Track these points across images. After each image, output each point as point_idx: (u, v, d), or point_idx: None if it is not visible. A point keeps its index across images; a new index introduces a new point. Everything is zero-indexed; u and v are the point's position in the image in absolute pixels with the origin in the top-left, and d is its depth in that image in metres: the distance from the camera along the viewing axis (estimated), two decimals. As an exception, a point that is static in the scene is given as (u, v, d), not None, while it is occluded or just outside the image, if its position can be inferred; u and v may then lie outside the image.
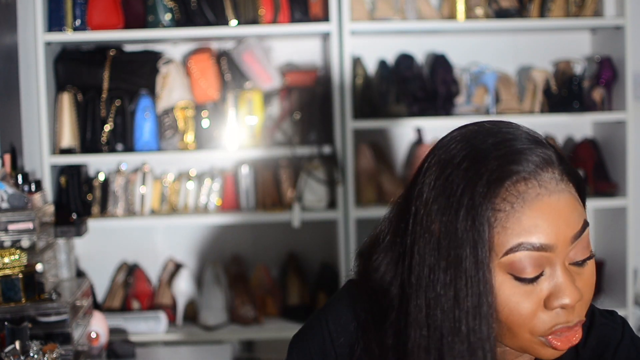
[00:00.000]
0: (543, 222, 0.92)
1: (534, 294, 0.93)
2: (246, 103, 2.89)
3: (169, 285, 2.96)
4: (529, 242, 0.92)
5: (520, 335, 0.95)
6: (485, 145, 0.96)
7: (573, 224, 0.94)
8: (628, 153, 2.89)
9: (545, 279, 0.93)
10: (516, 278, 0.93)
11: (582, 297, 0.94)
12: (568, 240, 0.93)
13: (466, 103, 2.95)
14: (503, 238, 0.92)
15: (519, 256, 0.92)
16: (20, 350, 1.63)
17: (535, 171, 0.93)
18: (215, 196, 2.95)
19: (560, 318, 0.94)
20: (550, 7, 2.91)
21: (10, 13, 2.54)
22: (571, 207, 0.94)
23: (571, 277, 0.93)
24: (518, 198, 0.92)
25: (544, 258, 0.92)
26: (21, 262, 1.81)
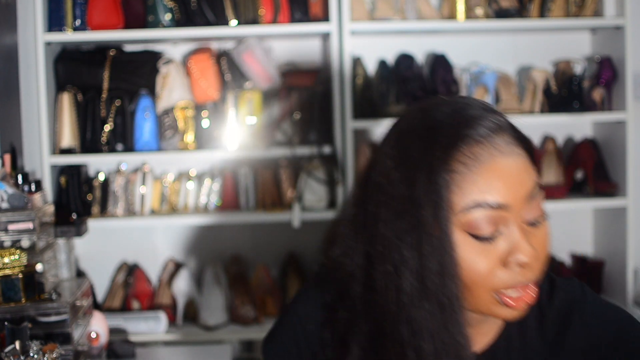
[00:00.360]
0: (497, 182, 0.96)
1: (491, 251, 0.97)
2: (246, 103, 2.89)
3: (169, 285, 2.96)
4: (484, 201, 0.96)
5: (479, 295, 0.99)
6: (440, 114, 1.01)
7: (526, 185, 0.98)
8: (628, 153, 2.89)
9: (501, 238, 0.97)
10: (473, 236, 0.97)
11: (538, 255, 0.98)
12: (521, 199, 0.98)
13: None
14: (460, 198, 0.97)
15: (475, 215, 0.96)
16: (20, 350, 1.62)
17: (489, 135, 0.98)
18: (215, 196, 2.96)
19: (517, 276, 0.98)
20: (550, 7, 2.91)
21: (10, 13, 2.54)
22: (524, 169, 0.99)
23: (526, 235, 0.98)
24: (473, 160, 0.97)
25: (499, 217, 0.97)
26: (21, 262, 1.81)
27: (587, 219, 3.19)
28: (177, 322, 2.89)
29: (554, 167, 3.07)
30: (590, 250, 3.19)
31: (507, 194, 0.97)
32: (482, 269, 0.98)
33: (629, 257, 2.91)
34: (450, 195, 0.97)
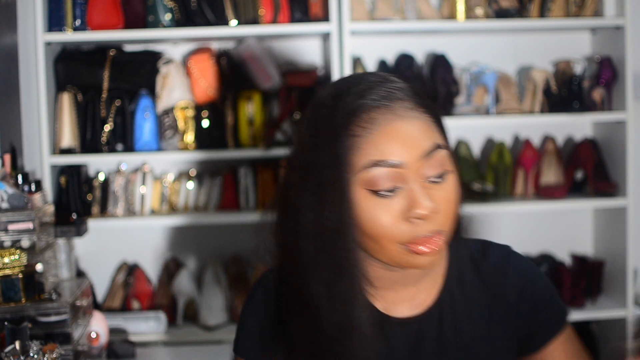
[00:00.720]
0: (393, 142, 1.06)
1: (391, 206, 1.06)
2: (246, 103, 2.89)
3: (169, 285, 2.96)
4: (381, 159, 1.06)
5: (387, 247, 1.08)
6: (345, 85, 1.12)
7: (422, 145, 1.07)
8: (628, 153, 2.89)
9: (400, 193, 1.07)
10: (373, 193, 1.06)
11: (439, 209, 1.07)
12: (418, 158, 1.07)
13: (466, 103, 2.95)
14: (360, 158, 1.06)
15: (373, 173, 1.06)
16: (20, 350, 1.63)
17: (388, 100, 1.09)
18: (214, 196, 2.96)
19: (419, 228, 1.07)
20: (550, 7, 2.91)
21: (10, 13, 2.54)
22: (421, 130, 1.08)
23: (425, 190, 1.07)
24: (372, 124, 1.07)
25: (396, 174, 1.06)
26: (21, 262, 1.81)
27: (587, 219, 3.19)
28: (177, 322, 2.89)
29: (554, 167, 3.07)
30: (590, 250, 3.19)
31: (403, 153, 1.06)
32: (385, 222, 1.07)
33: (629, 257, 2.91)
34: (352, 156, 1.06)
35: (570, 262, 3.16)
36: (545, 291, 1.21)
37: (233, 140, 2.90)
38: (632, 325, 2.93)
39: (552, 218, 3.16)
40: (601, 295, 3.06)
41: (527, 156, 3.01)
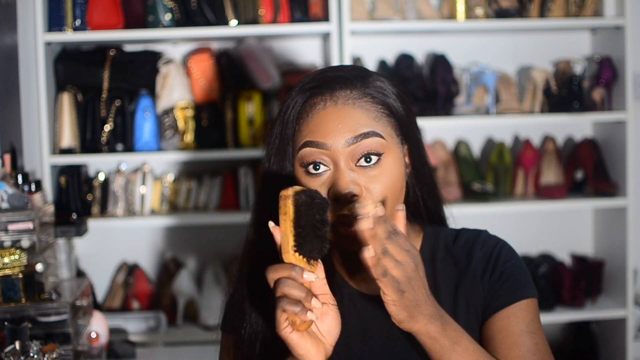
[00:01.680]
0: (323, 125, 1.15)
1: (320, 183, 1.15)
2: (246, 103, 2.89)
3: (169, 285, 2.96)
4: (309, 139, 1.15)
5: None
6: (308, 76, 1.23)
7: (352, 130, 1.14)
8: (628, 153, 2.89)
9: (327, 172, 1.16)
10: (305, 171, 1.16)
11: (361, 193, 1.13)
12: (342, 142, 1.14)
13: (466, 103, 2.95)
14: (299, 138, 1.17)
15: (305, 152, 1.16)
16: (20, 350, 1.63)
17: (331, 88, 1.17)
18: (214, 196, 2.96)
19: (344, 206, 1.13)
20: (550, 7, 2.91)
21: (10, 13, 2.54)
22: (352, 117, 1.15)
23: (350, 173, 1.14)
24: (312, 108, 1.17)
25: (323, 154, 1.15)
26: (21, 262, 1.81)
27: (587, 219, 3.19)
28: (177, 322, 2.88)
29: (554, 167, 3.07)
30: (590, 250, 3.19)
31: (330, 136, 1.14)
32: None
33: (629, 257, 2.91)
34: (295, 136, 1.18)
35: (570, 262, 3.16)
36: (509, 264, 1.24)
37: (233, 140, 2.90)
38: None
39: (552, 218, 3.16)
40: (601, 295, 3.06)
41: (527, 156, 3.01)
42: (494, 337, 1.19)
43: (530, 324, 1.19)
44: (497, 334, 1.18)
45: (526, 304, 1.21)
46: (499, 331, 1.19)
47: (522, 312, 1.20)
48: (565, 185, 3.02)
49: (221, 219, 2.88)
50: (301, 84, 1.22)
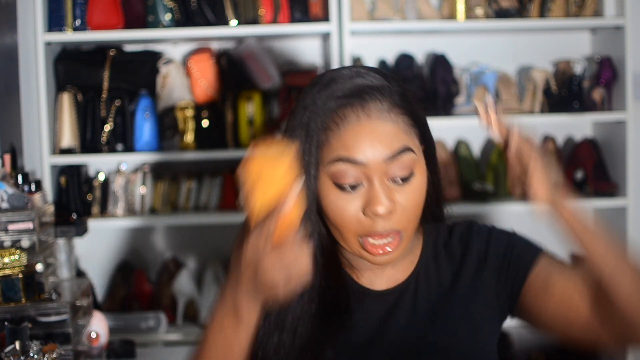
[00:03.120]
0: (359, 141, 1.11)
1: (353, 200, 1.13)
2: (246, 103, 2.89)
3: (169, 285, 2.96)
4: (344, 155, 1.12)
5: (347, 237, 1.15)
6: (327, 80, 1.17)
7: (388, 147, 1.12)
8: (628, 153, 2.89)
9: (362, 189, 1.13)
10: (337, 185, 1.13)
11: (396, 209, 1.13)
12: (381, 159, 1.12)
13: (466, 103, 2.95)
14: (328, 151, 1.13)
15: (338, 167, 1.12)
16: (20, 350, 1.63)
17: (362, 99, 1.13)
18: (214, 196, 2.96)
19: (377, 224, 1.12)
20: (550, 7, 2.91)
21: (10, 13, 2.54)
22: (388, 132, 1.12)
23: (386, 190, 1.12)
24: (343, 120, 1.12)
25: (359, 171, 1.12)
26: (21, 262, 1.81)
27: (587, 219, 3.19)
28: (177, 322, 2.88)
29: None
30: (590, 250, 3.19)
31: (366, 153, 1.11)
32: (346, 215, 1.13)
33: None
34: (322, 149, 1.13)
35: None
36: (507, 238, 1.27)
37: (233, 140, 2.90)
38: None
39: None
40: (601, 295, 3.05)
41: (527, 156, 3.01)
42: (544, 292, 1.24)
43: (562, 266, 1.30)
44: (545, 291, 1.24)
45: (545, 257, 1.29)
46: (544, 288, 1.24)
47: (550, 263, 1.29)
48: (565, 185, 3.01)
49: (221, 219, 2.88)
50: (328, 91, 1.15)
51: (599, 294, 1.18)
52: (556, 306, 1.23)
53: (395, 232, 1.14)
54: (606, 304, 1.17)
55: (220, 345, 1.11)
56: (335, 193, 1.13)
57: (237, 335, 1.10)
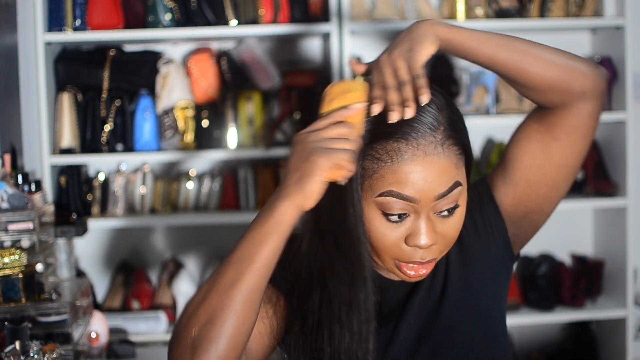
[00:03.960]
0: (412, 178, 1.11)
1: (398, 230, 1.14)
2: (246, 103, 2.89)
3: (169, 285, 2.96)
4: (397, 191, 1.12)
5: (385, 259, 1.18)
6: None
7: (439, 185, 1.12)
8: (628, 153, 2.89)
9: (408, 221, 1.14)
10: (385, 215, 1.14)
11: (437, 241, 1.15)
12: (432, 197, 1.13)
13: (466, 103, 2.95)
14: (380, 183, 1.12)
15: (388, 200, 1.12)
16: (20, 350, 1.63)
17: (417, 134, 1.12)
18: (214, 196, 2.96)
19: (417, 254, 1.15)
20: (550, 7, 2.91)
21: (10, 13, 2.54)
22: (442, 170, 1.13)
23: (431, 224, 1.14)
24: (397, 154, 1.12)
25: (408, 206, 1.13)
26: (21, 262, 1.81)
27: (587, 219, 3.19)
28: (177, 322, 2.88)
29: (554, 167, 3.07)
30: (590, 250, 3.19)
31: (418, 190, 1.12)
32: (388, 242, 1.15)
33: (629, 257, 2.91)
34: (373, 178, 1.13)
35: (570, 262, 3.16)
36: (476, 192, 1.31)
37: (233, 140, 2.90)
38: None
39: (552, 218, 3.13)
40: (601, 295, 3.06)
41: (527, 156, 3.01)
42: (517, 188, 1.29)
43: (499, 166, 1.34)
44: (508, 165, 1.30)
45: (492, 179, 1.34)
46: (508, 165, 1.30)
47: (499, 175, 1.33)
48: (565, 185, 3.01)
49: (221, 219, 2.88)
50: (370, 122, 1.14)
51: (534, 117, 1.28)
52: (524, 172, 1.27)
53: (431, 261, 1.17)
54: (544, 109, 1.27)
55: (250, 243, 1.12)
56: (380, 220, 1.14)
57: (268, 233, 1.10)
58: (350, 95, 1.14)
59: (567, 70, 1.21)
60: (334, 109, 1.13)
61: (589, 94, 1.22)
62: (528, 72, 1.20)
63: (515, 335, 3.13)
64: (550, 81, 1.21)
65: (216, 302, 1.09)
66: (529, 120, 1.30)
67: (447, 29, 1.16)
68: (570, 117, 1.24)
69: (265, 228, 1.10)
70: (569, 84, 1.21)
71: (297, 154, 1.10)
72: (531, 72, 1.20)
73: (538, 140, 1.27)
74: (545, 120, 1.27)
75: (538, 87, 1.22)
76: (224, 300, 1.09)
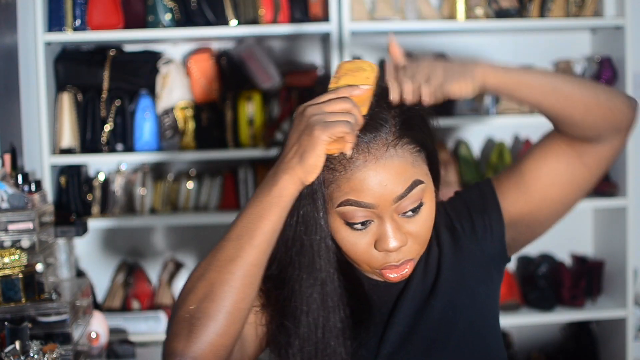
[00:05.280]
0: (367, 184, 1.11)
1: (365, 237, 1.14)
2: (246, 103, 2.89)
3: (169, 285, 2.96)
4: (354, 199, 1.11)
5: (363, 267, 1.18)
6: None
7: (396, 187, 1.11)
8: (628, 153, 2.89)
9: (373, 226, 1.14)
10: (348, 224, 1.14)
11: (408, 240, 1.14)
12: (390, 200, 1.12)
13: (466, 103, 2.95)
14: (337, 193, 1.12)
15: (347, 209, 1.12)
16: (20, 350, 1.63)
17: (367, 139, 1.11)
18: (214, 196, 2.96)
19: (390, 257, 1.15)
20: (550, 7, 2.91)
21: (10, 13, 2.54)
22: (397, 171, 1.12)
23: (396, 226, 1.13)
24: (349, 162, 1.11)
25: (368, 212, 1.12)
26: (21, 262, 1.81)
27: (587, 219, 3.19)
28: (177, 322, 2.88)
29: (554, 167, 3.07)
30: (590, 250, 3.19)
31: (375, 196, 1.11)
32: (359, 250, 1.15)
33: (629, 257, 2.91)
34: (330, 190, 1.13)
35: (570, 262, 3.16)
36: (459, 199, 1.32)
37: (233, 140, 2.90)
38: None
39: (552, 218, 3.15)
40: (601, 295, 3.06)
41: (527, 156, 3.01)
42: (525, 191, 1.28)
43: (508, 169, 1.33)
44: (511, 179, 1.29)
45: (497, 182, 1.31)
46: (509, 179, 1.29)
47: (505, 179, 1.31)
48: (565, 185, 3.01)
49: (221, 219, 2.88)
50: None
51: (566, 135, 1.24)
52: (544, 188, 1.26)
53: (407, 261, 1.16)
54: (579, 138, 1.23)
55: (251, 218, 1.13)
56: (345, 230, 1.14)
57: (269, 207, 1.10)
58: (359, 75, 1.14)
59: (608, 111, 1.19)
60: (342, 86, 1.12)
61: (624, 129, 1.23)
62: (573, 116, 1.19)
63: (515, 335, 3.13)
64: (593, 123, 1.20)
65: (215, 277, 1.09)
66: (558, 139, 1.27)
67: (496, 79, 1.16)
68: (604, 149, 1.24)
69: (265, 202, 1.09)
70: (610, 124, 1.20)
71: (297, 127, 1.09)
72: (576, 117, 1.19)
73: (567, 163, 1.26)
74: (576, 147, 1.25)
75: (581, 127, 1.21)
76: (223, 276, 1.09)
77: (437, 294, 1.24)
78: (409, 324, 1.24)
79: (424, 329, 1.23)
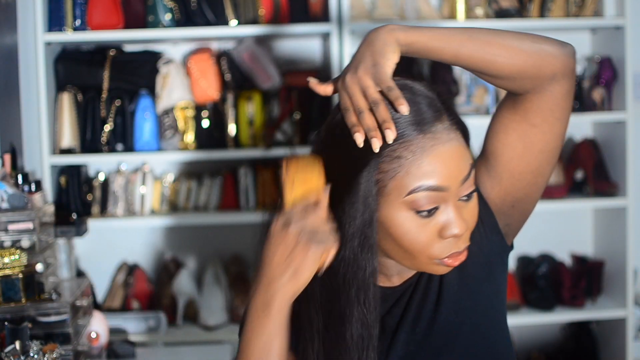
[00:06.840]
0: (438, 167, 1.10)
1: (430, 225, 1.12)
2: (246, 103, 2.89)
3: (169, 285, 2.96)
4: (427, 184, 1.10)
5: (420, 259, 1.15)
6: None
7: (463, 168, 1.13)
8: (628, 153, 2.89)
9: (439, 213, 1.12)
10: (416, 212, 1.11)
11: (468, 226, 1.14)
12: (459, 182, 1.12)
13: (466, 103, 2.95)
14: (407, 181, 1.10)
15: (419, 195, 1.10)
16: (20, 350, 1.63)
17: (429, 124, 1.12)
18: (214, 196, 2.96)
19: (452, 245, 1.13)
20: (550, 7, 2.91)
21: (10, 13, 2.54)
22: (460, 153, 1.14)
23: (459, 212, 1.12)
24: (418, 147, 1.10)
25: (439, 196, 1.11)
26: (21, 262, 1.81)
27: (587, 219, 3.19)
28: (177, 322, 2.88)
29: (554, 167, 3.07)
30: (590, 250, 3.19)
31: (447, 177, 1.11)
32: (423, 240, 1.12)
33: (629, 257, 2.91)
34: (398, 180, 1.10)
35: (570, 262, 3.16)
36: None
37: (233, 140, 2.90)
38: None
39: (552, 218, 3.16)
40: (601, 295, 3.06)
41: (527, 156, 3.01)
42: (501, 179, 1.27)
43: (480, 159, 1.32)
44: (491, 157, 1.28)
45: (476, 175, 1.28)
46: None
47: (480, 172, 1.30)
48: (565, 185, 3.02)
49: (221, 219, 2.88)
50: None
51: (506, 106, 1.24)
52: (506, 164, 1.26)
53: (467, 247, 1.16)
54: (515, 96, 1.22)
55: (260, 344, 1.12)
56: (412, 220, 1.12)
57: (272, 328, 1.11)
58: (309, 181, 1.14)
59: (534, 54, 1.16)
60: (298, 197, 1.13)
61: (560, 75, 1.18)
62: (495, 63, 1.16)
63: (515, 335, 3.13)
64: (519, 68, 1.16)
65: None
66: (503, 110, 1.26)
67: (407, 33, 1.15)
68: (544, 100, 1.20)
69: (271, 326, 1.11)
70: (538, 69, 1.16)
71: (280, 248, 1.12)
72: (498, 63, 1.16)
73: (515, 129, 1.24)
74: (519, 108, 1.23)
75: (507, 76, 1.17)
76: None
77: (442, 299, 1.23)
78: (417, 332, 1.23)
79: (431, 336, 1.22)
